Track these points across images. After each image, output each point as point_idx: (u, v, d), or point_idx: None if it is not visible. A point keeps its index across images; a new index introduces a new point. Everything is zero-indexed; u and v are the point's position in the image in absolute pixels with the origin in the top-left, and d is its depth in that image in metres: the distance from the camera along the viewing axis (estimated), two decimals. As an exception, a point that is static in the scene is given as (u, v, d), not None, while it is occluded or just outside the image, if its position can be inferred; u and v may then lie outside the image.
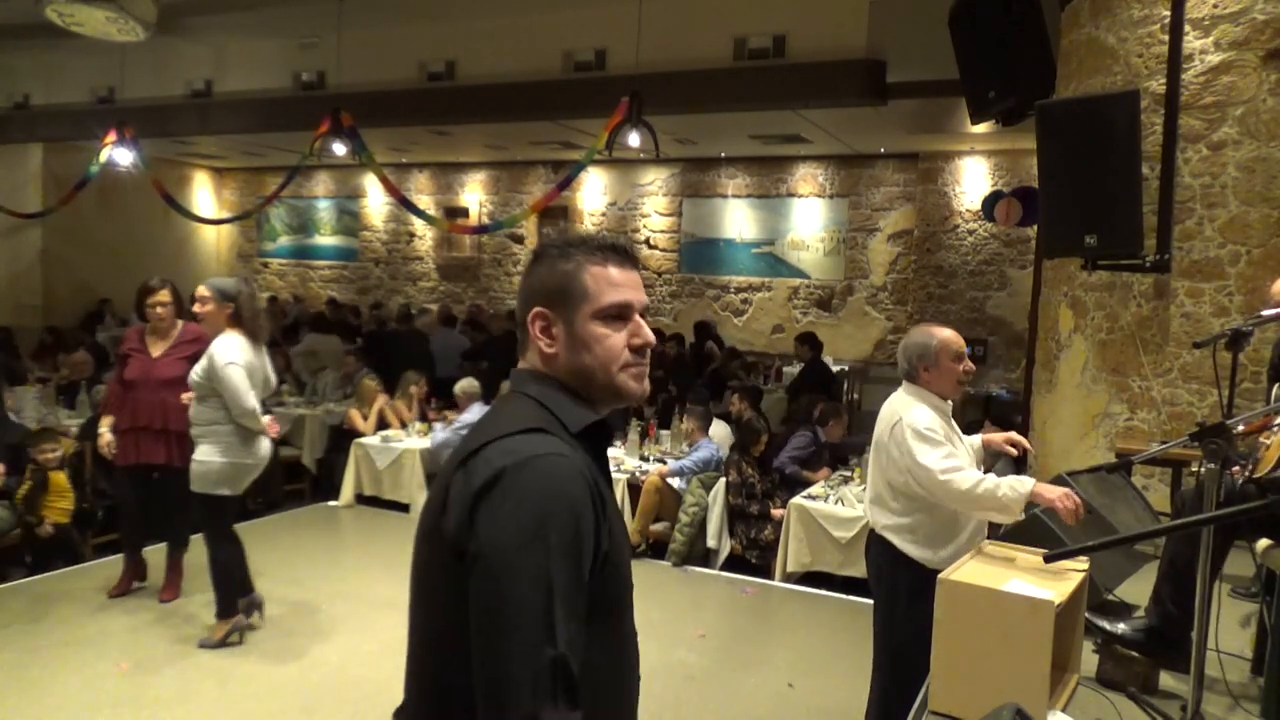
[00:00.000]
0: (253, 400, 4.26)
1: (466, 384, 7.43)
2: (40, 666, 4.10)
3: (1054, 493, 2.65)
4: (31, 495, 5.35)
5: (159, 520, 4.99)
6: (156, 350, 4.76)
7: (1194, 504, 2.30)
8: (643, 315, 1.36)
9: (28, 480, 5.37)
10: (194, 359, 4.46)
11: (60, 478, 5.49)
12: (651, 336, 1.35)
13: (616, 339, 1.29)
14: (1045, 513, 2.80)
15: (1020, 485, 2.73)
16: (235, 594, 4.45)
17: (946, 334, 3.04)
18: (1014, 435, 3.19)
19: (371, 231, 15.12)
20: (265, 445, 4.46)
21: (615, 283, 1.30)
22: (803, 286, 11.94)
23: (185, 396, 4.43)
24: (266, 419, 4.48)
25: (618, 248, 1.33)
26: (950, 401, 3.10)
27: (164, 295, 4.73)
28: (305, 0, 8.98)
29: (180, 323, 4.83)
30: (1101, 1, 4.78)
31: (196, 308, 4.43)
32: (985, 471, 2.98)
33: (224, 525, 4.44)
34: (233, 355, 4.21)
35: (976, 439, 3.24)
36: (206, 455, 4.25)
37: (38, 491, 5.37)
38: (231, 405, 4.21)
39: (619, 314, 1.30)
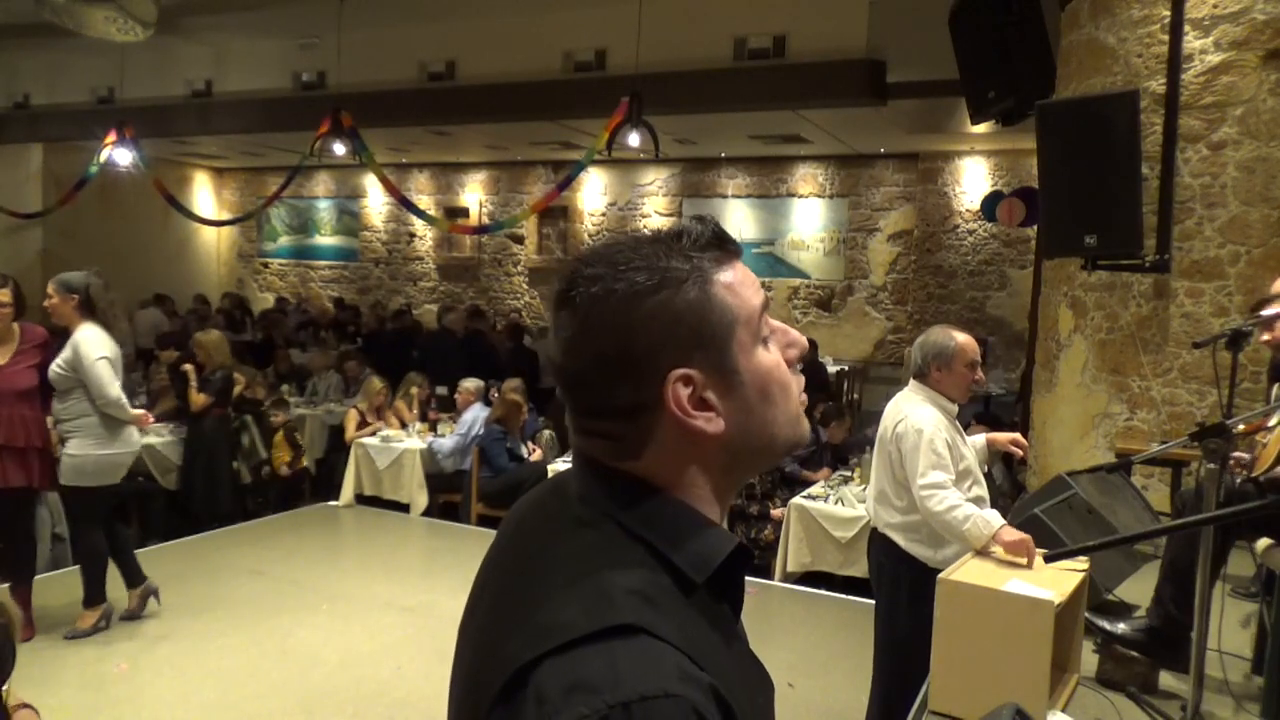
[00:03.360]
0: (118, 390, 4.25)
1: (470, 382, 7.42)
2: (40, 666, 4.09)
3: (1014, 536, 2.58)
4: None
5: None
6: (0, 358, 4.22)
7: (1194, 504, 2.31)
8: None
9: None
10: (45, 365, 4.27)
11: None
12: (803, 338, 0.91)
13: (782, 363, 0.86)
14: (1045, 512, 2.81)
15: (986, 526, 2.66)
16: (102, 581, 4.45)
17: (965, 340, 3.05)
18: (1018, 436, 3.20)
19: (371, 231, 15.12)
20: (134, 434, 4.44)
21: (748, 281, 0.86)
22: (803, 286, 11.94)
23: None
24: (139, 411, 4.48)
25: (721, 235, 0.86)
26: (956, 405, 3.10)
27: (1, 295, 4.19)
28: (305, 0, 8.98)
29: (16, 325, 4.32)
30: (1101, 2, 4.78)
31: (46, 303, 4.29)
32: (985, 471, 2.98)
33: (97, 516, 4.42)
34: (101, 349, 4.19)
35: (980, 439, 3.24)
36: (79, 449, 4.21)
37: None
38: (98, 397, 4.18)
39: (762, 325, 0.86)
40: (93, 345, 4.17)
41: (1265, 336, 2.73)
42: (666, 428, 0.80)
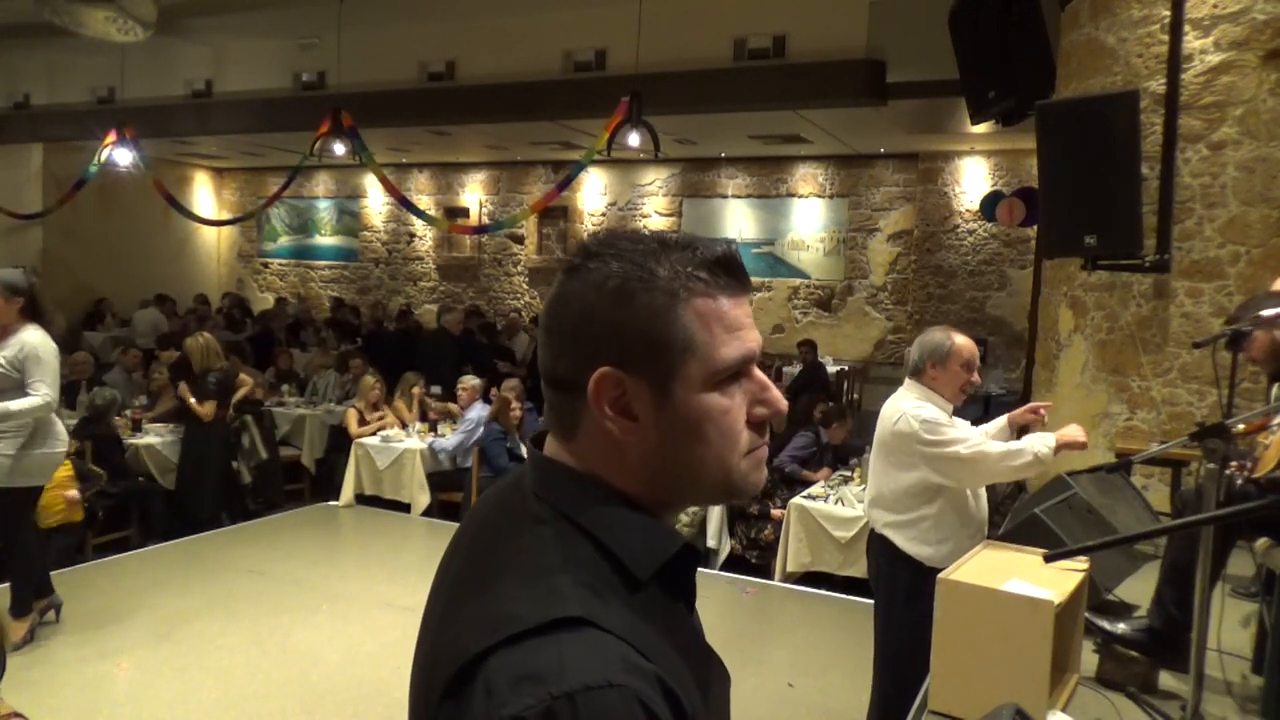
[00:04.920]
0: (55, 395, 4.12)
1: (471, 380, 7.42)
2: (40, 667, 4.10)
3: (1071, 433, 2.95)
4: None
5: None
6: None
7: (1194, 504, 2.31)
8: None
9: None
10: None
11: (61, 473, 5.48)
12: (783, 402, 0.88)
13: (737, 413, 0.83)
14: (1045, 512, 2.80)
15: (1045, 441, 2.91)
16: (33, 588, 4.37)
17: (964, 341, 3.08)
18: (1033, 405, 3.24)
19: (371, 231, 15.12)
20: (64, 431, 4.36)
21: (733, 324, 0.82)
22: (803, 286, 11.94)
23: None
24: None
25: (728, 263, 0.83)
26: (951, 405, 3.11)
27: None
28: (305, 0, 8.98)
29: None
30: (1101, 2, 4.78)
31: None
32: None
33: (30, 518, 4.36)
34: (55, 352, 4.10)
35: (997, 422, 3.26)
36: (32, 446, 4.08)
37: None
38: (53, 390, 4.05)
39: (738, 373, 0.83)
40: (49, 349, 4.08)
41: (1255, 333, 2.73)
42: (593, 417, 0.81)
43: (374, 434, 7.33)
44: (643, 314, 0.79)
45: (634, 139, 7.76)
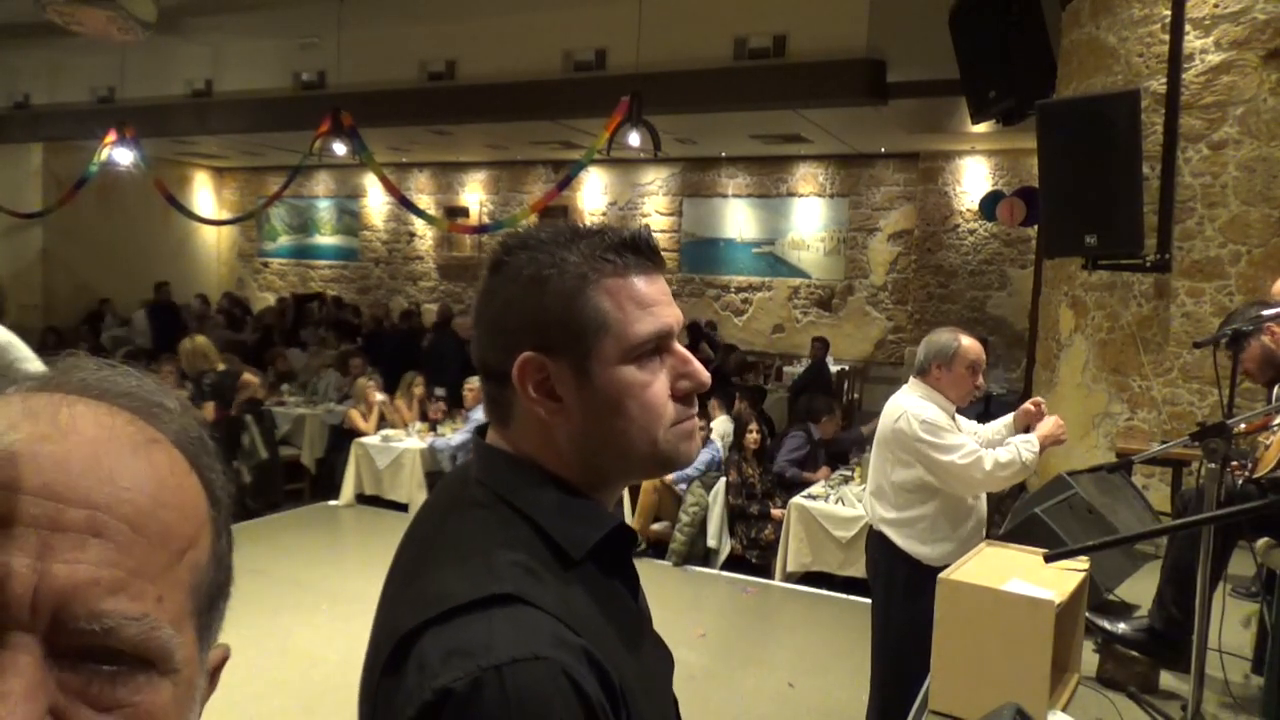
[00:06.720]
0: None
1: (478, 380, 7.43)
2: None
3: (1049, 429, 3.00)
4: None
5: None
6: None
7: (1195, 504, 2.30)
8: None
9: None
10: None
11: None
12: (705, 374, 0.90)
13: (658, 386, 0.86)
14: (1045, 512, 2.80)
15: (1030, 444, 2.94)
16: None
17: (970, 343, 3.09)
18: (1034, 399, 3.25)
19: (371, 231, 15.12)
20: None
21: (645, 300, 0.86)
22: (803, 286, 11.94)
23: None
24: None
25: (637, 243, 0.87)
26: (954, 407, 3.11)
27: None
28: (305, 0, 8.98)
29: None
30: (1102, 1, 4.78)
31: None
32: None
33: None
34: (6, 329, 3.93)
35: (1003, 420, 3.26)
36: None
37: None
38: (31, 367, 3.80)
39: (656, 347, 0.87)
40: (21, 343, 3.79)
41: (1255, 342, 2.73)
42: (522, 403, 0.86)
43: (378, 427, 7.33)
44: (557, 298, 0.84)
45: (634, 138, 7.75)
